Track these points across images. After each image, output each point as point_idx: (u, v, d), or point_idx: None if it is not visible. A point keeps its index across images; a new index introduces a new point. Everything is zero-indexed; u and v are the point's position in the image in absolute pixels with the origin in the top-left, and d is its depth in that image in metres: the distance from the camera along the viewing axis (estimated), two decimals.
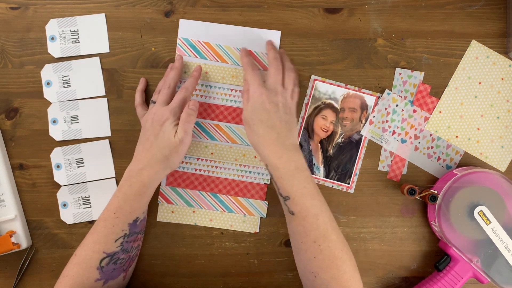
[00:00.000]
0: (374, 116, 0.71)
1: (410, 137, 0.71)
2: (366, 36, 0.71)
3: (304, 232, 0.58)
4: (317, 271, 0.57)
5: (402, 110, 0.71)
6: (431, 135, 0.71)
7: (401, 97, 0.70)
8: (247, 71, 0.65)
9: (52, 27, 0.71)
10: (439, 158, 0.71)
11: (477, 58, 0.71)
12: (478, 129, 0.71)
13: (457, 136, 0.71)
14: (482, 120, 0.71)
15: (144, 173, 0.61)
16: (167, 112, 0.63)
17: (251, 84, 0.63)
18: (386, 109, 0.71)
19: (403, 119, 0.71)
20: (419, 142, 0.71)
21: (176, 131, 0.62)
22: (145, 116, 0.65)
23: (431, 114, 0.71)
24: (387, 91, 0.71)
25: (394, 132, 0.71)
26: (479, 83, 0.71)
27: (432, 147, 0.71)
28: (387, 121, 0.71)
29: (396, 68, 0.71)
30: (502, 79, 0.71)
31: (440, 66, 0.71)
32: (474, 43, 0.71)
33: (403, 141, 0.71)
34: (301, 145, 0.72)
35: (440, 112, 0.71)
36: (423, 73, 0.71)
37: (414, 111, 0.71)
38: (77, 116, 0.71)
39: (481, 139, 0.71)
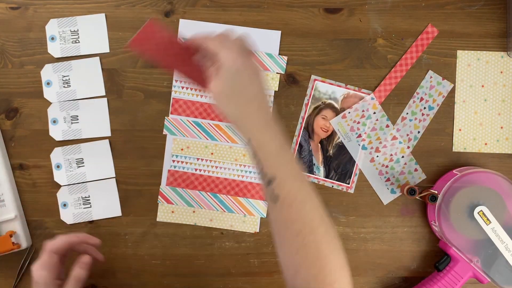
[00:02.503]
0: (349, 112, 0.71)
1: (372, 148, 0.71)
2: (366, 36, 0.71)
3: (288, 221, 0.50)
4: (298, 268, 0.50)
5: (377, 120, 0.71)
6: (391, 155, 0.71)
7: (423, 99, 0.70)
8: (207, 40, 0.55)
9: (52, 27, 0.71)
10: (388, 179, 0.71)
11: (469, 65, 0.71)
12: (501, 127, 0.71)
13: (486, 144, 0.71)
14: (501, 118, 0.71)
15: None
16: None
17: (219, 50, 0.53)
18: (363, 111, 0.71)
19: (373, 128, 0.71)
20: (377, 156, 0.71)
21: None
22: None
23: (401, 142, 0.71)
24: (372, 95, 0.71)
25: (359, 136, 0.71)
26: (482, 86, 0.71)
27: (387, 166, 0.71)
28: (358, 122, 0.71)
29: (429, 70, 0.71)
30: (501, 72, 0.71)
31: (440, 66, 0.71)
32: (459, 52, 0.71)
33: (363, 147, 0.71)
34: (301, 145, 0.72)
35: (460, 130, 0.71)
36: (452, 84, 0.71)
37: (387, 126, 0.71)
38: (77, 116, 0.71)
39: (509, 135, 0.71)
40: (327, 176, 0.72)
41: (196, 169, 0.72)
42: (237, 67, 0.52)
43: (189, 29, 0.71)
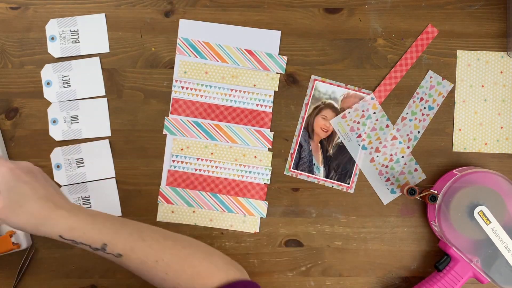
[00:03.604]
0: (349, 112, 0.71)
1: (372, 148, 0.71)
2: (366, 36, 0.71)
3: (145, 269, 0.57)
4: (174, 280, 0.56)
5: (377, 120, 0.71)
6: (391, 155, 0.71)
7: (423, 99, 0.70)
8: None
9: (52, 27, 0.71)
10: (388, 179, 0.71)
11: (469, 64, 0.71)
12: (501, 127, 0.71)
13: (486, 144, 0.71)
14: (501, 118, 0.71)
15: None
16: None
17: None
18: (363, 111, 0.71)
19: (373, 128, 0.71)
20: (377, 156, 0.71)
21: None
22: None
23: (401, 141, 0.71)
24: (372, 95, 0.71)
25: (359, 136, 0.71)
26: (482, 86, 0.71)
27: (387, 166, 0.71)
28: (358, 122, 0.71)
29: (429, 71, 0.71)
30: (501, 72, 0.71)
31: (440, 66, 0.71)
32: (459, 52, 0.71)
33: (363, 147, 0.71)
34: (301, 145, 0.72)
35: (460, 129, 0.71)
36: (452, 84, 0.71)
37: (387, 126, 0.71)
38: (77, 116, 0.71)
39: (509, 135, 0.71)
40: (327, 176, 0.72)
41: (196, 169, 0.72)
42: (17, 176, 0.52)
43: (189, 29, 0.71)
